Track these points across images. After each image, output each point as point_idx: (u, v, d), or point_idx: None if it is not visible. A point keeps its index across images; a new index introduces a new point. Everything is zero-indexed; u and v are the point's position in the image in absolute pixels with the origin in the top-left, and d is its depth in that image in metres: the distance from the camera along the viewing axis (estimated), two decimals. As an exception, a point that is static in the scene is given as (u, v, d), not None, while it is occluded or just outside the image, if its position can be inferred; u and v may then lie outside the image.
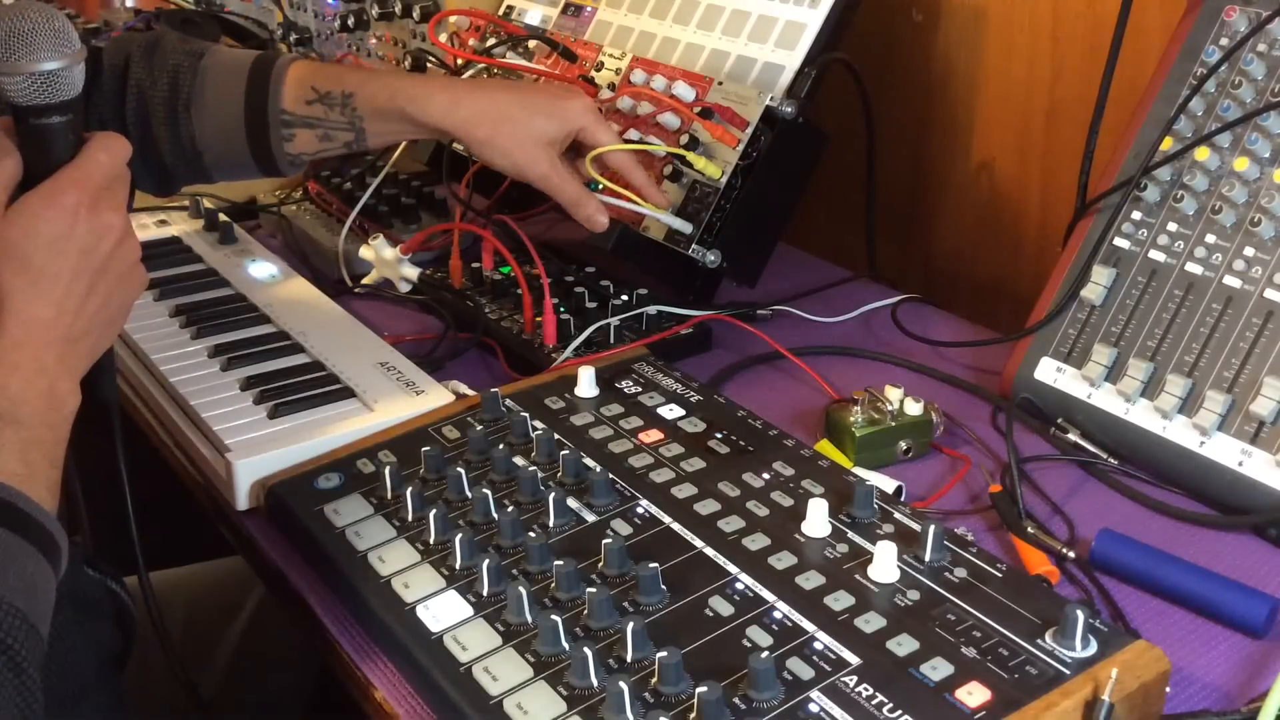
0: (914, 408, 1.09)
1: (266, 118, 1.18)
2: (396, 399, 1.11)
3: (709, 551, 0.87)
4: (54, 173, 0.81)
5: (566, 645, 0.79)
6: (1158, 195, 1.11)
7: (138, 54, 1.19)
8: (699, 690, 0.71)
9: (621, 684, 0.72)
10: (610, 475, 0.95)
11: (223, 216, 1.56)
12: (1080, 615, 0.74)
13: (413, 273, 1.37)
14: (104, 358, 0.87)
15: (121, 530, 0.97)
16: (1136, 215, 1.12)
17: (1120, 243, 1.13)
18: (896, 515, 0.90)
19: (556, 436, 1.02)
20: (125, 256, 0.85)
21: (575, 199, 1.22)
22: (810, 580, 0.83)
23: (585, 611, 0.81)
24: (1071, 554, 0.94)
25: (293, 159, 1.21)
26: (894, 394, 1.09)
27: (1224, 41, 1.10)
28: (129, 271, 0.86)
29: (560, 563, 0.84)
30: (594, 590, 0.81)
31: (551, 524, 0.91)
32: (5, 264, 0.79)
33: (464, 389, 1.15)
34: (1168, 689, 0.75)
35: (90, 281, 0.82)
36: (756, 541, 0.88)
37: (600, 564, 0.86)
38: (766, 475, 0.95)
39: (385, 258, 1.38)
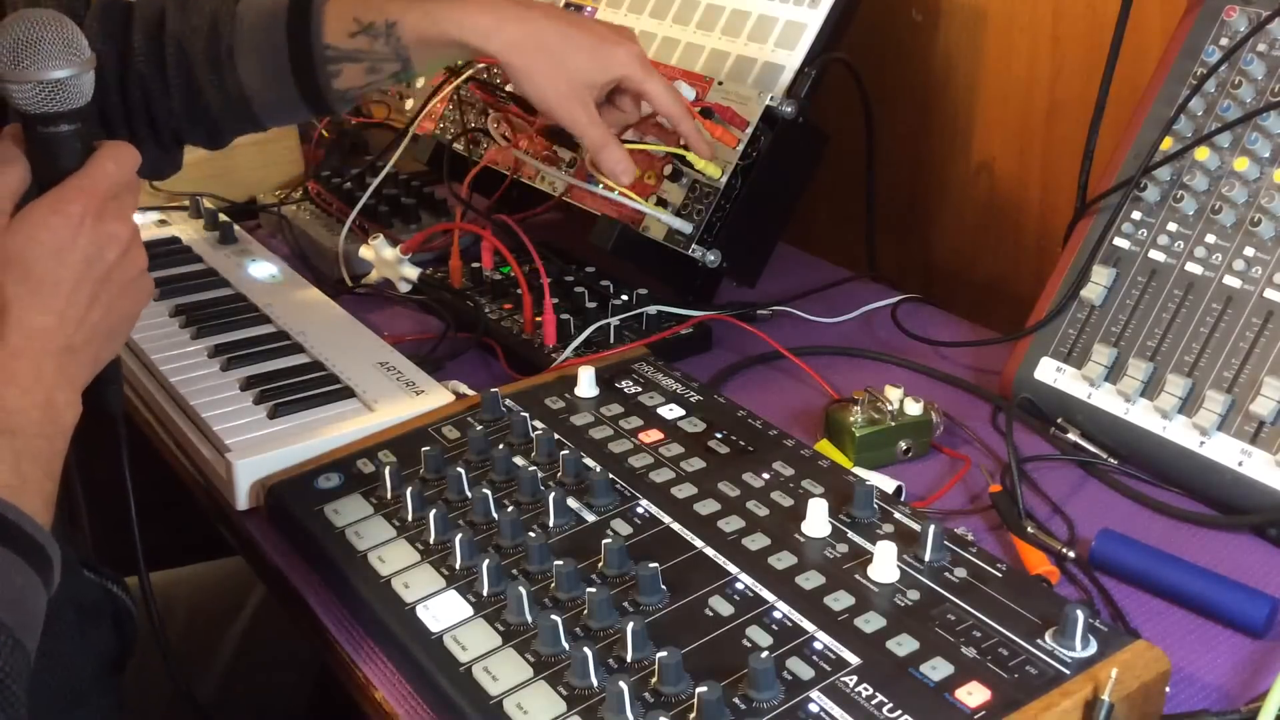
0: (914, 408, 1.09)
1: (312, 55, 1.13)
2: (396, 399, 1.11)
3: (709, 551, 0.87)
4: (61, 181, 0.81)
5: (566, 645, 0.79)
6: (1158, 195, 1.11)
7: (172, 5, 1.15)
8: (699, 690, 0.71)
9: (621, 684, 0.72)
10: (610, 475, 0.96)
11: (223, 216, 1.56)
12: (1080, 615, 0.74)
13: (413, 273, 1.37)
14: (109, 369, 0.86)
15: (122, 531, 0.97)
16: (1136, 215, 1.12)
17: (1120, 243, 1.13)
18: (896, 515, 0.90)
19: (556, 436, 1.02)
20: (130, 266, 0.84)
21: (599, 144, 1.18)
22: (810, 580, 0.83)
23: (585, 611, 0.81)
24: (1071, 554, 0.94)
25: (341, 94, 1.16)
26: (894, 394, 1.09)
27: (1224, 41, 1.10)
28: (134, 282, 0.85)
29: (560, 563, 0.84)
30: (594, 590, 0.81)
31: (551, 524, 0.91)
32: (7, 272, 0.78)
33: (464, 389, 1.15)
34: (1168, 689, 0.75)
35: (93, 291, 0.81)
36: (756, 541, 0.88)
37: (600, 564, 0.86)
38: (766, 475, 0.95)
39: (385, 258, 1.38)
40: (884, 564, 0.83)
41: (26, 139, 0.82)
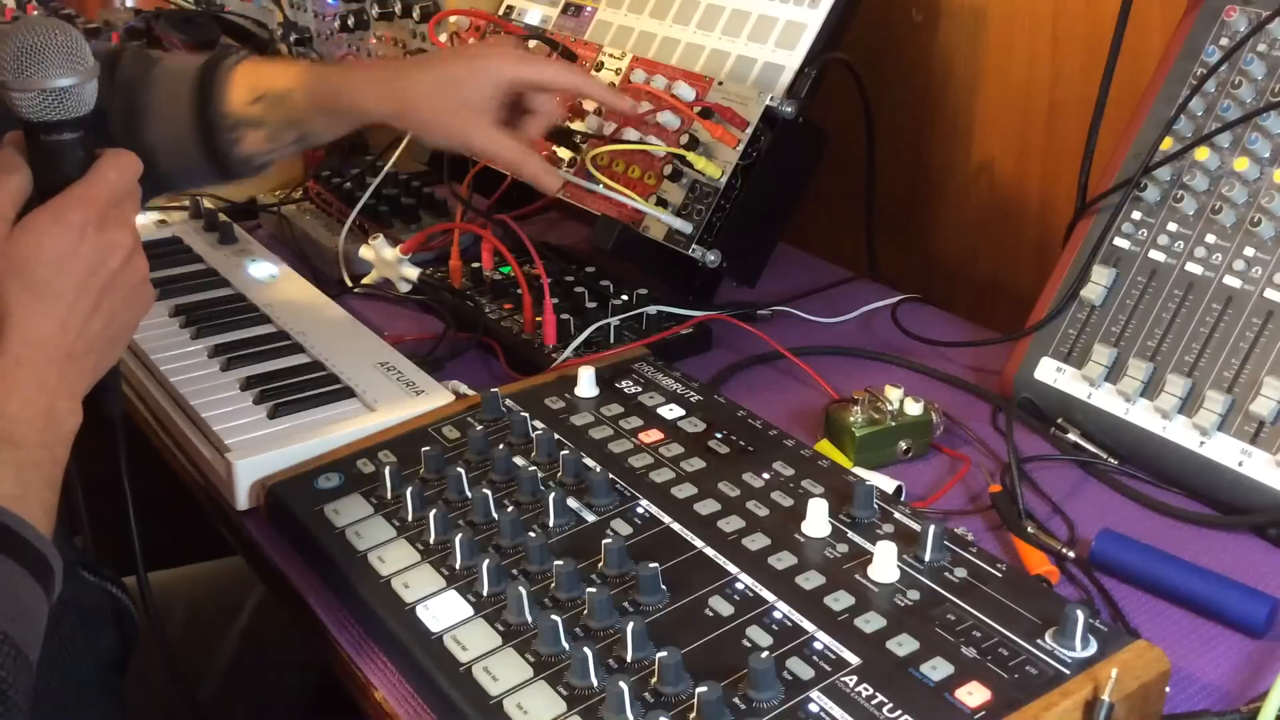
0: (914, 408, 1.09)
1: (214, 121, 1.16)
2: (396, 399, 1.11)
3: (709, 551, 0.87)
4: (63, 189, 0.81)
5: (566, 645, 0.79)
6: (1158, 195, 1.11)
7: (107, 63, 1.17)
8: (699, 690, 0.71)
9: (621, 684, 0.72)
10: (610, 475, 0.95)
11: (223, 216, 1.56)
12: (1080, 615, 0.74)
13: (413, 273, 1.37)
14: (109, 375, 0.86)
15: (122, 532, 0.97)
16: (1136, 215, 1.12)
17: (1120, 243, 1.13)
18: (896, 515, 0.90)
19: (556, 436, 1.02)
20: (132, 274, 0.84)
21: (516, 161, 1.18)
22: (810, 580, 0.83)
23: (585, 611, 0.81)
24: (1071, 554, 0.94)
25: (245, 160, 1.19)
26: (894, 394, 1.09)
27: (1224, 41, 1.10)
28: (135, 289, 0.85)
29: (560, 563, 0.84)
30: (594, 590, 0.81)
31: (551, 524, 0.91)
32: (10, 280, 0.78)
33: (464, 389, 1.15)
34: (1168, 689, 0.75)
35: (95, 299, 0.81)
36: (756, 541, 0.88)
37: (600, 564, 0.86)
38: (766, 475, 0.95)
39: (385, 258, 1.38)
40: (884, 564, 0.83)
41: (28, 147, 0.82)
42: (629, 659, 0.77)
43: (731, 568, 0.85)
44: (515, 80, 1.18)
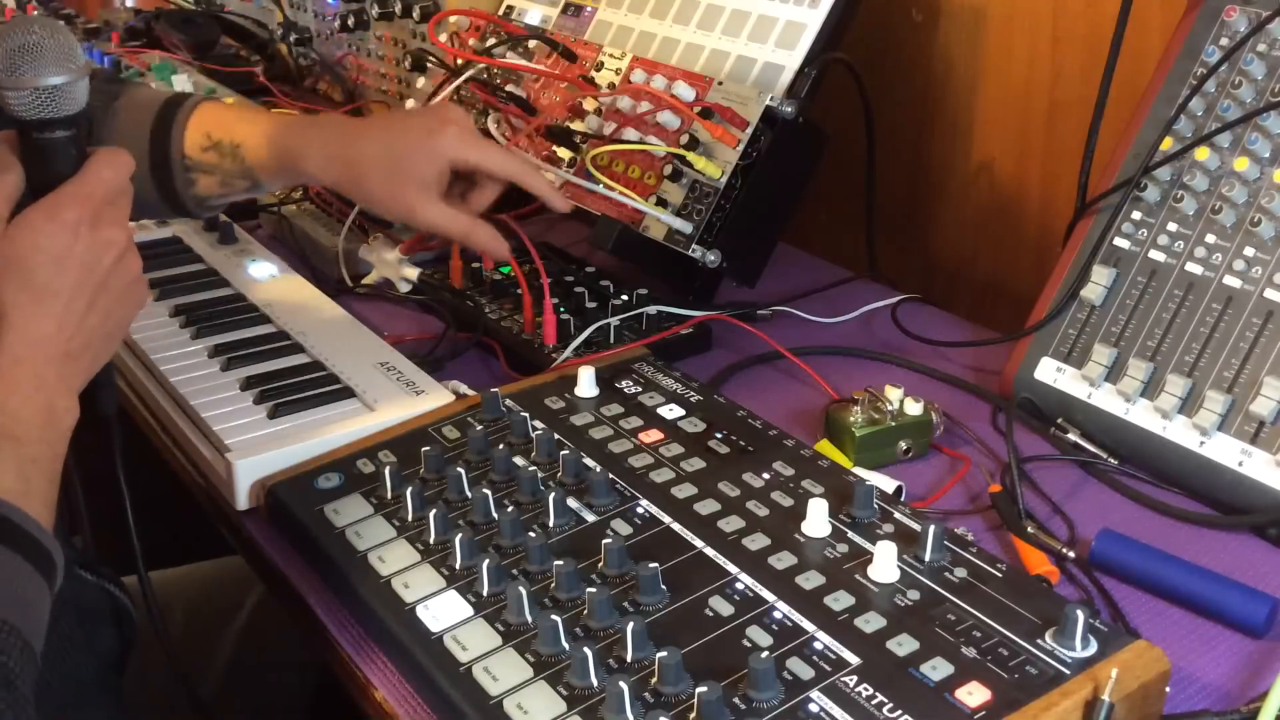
0: (914, 408, 1.09)
1: (169, 162, 1.18)
2: (396, 399, 1.11)
3: (709, 551, 0.87)
4: (57, 188, 0.81)
5: (566, 645, 0.79)
6: (1158, 195, 1.11)
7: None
8: (699, 690, 0.71)
9: (621, 684, 0.72)
10: (610, 475, 0.95)
11: (223, 216, 1.55)
12: (1080, 615, 0.74)
13: (413, 273, 1.37)
14: (103, 372, 0.87)
15: (122, 532, 0.97)
16: (1136, 215, 1.12)
17: (1120, 243, 1.13)
18: (896, 515, 0.90)
19: (556, 436, 1.02)
20: (126, 272, 0.85)
21: (463, 232, 1.19)
22: (810, 580, 0.83)
23: (585, 611, 0.81)
24: (1071, 554, 0.94)
25: (200, 200, 1.21)
26: (894, 394, 1.09)
27: (1224, 41, 1.10)
28: (130, 287, 0.86)
29: (560, 563, 0.84)
30: (594, 590, 0.81)
31: (551, 524, 0.91)
32: (6, 279, 0.79)
33: (464, 389, 1.15)
34: (1167, 689, 0.75)
35: (91, 297, 0.82)
36: (756, 541, 0.88)
37: (600, 564, 0.86)
38: (766, 475, 0.95)
39: (385, 258, 1.38)
40: (884, 564, 0.83)
41: (21, 145, 0.82)
42: (629, 659, 0.77)
43: (731, 568, 0.85)
44: (459, 162, 1.19)
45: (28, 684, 0.70)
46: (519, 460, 1.00)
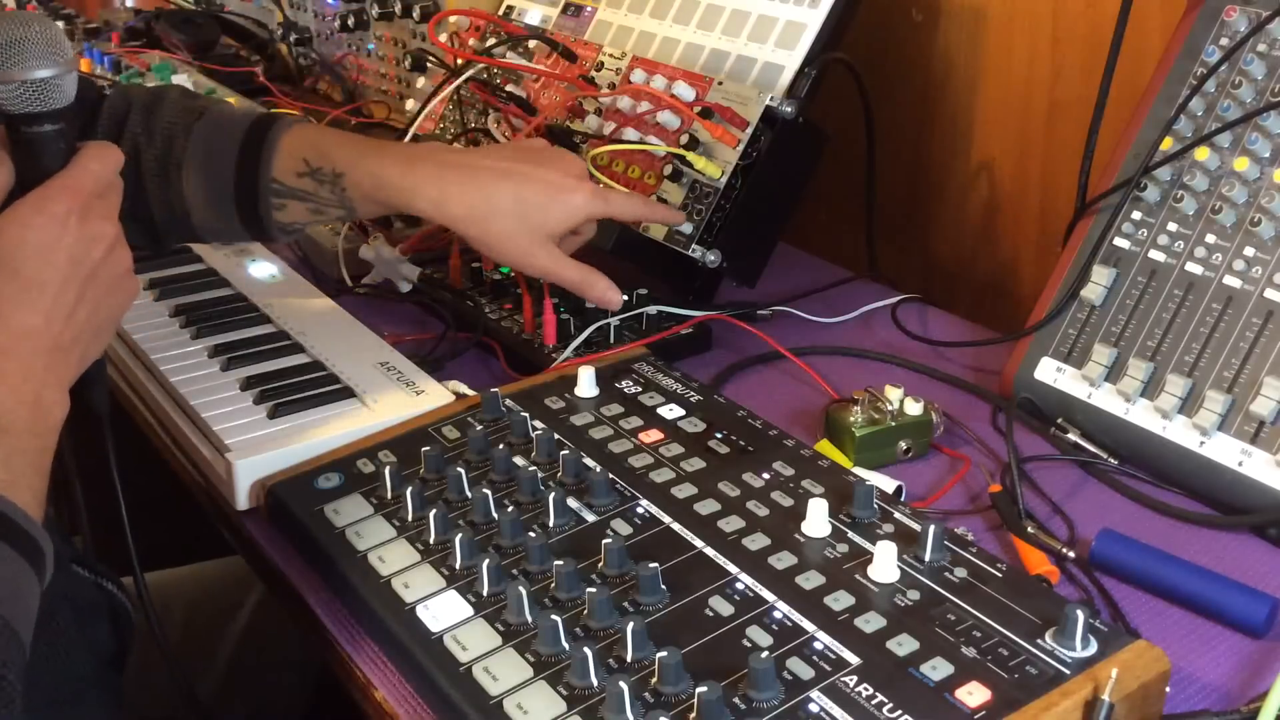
0: (914, 408, 1.09)
1: (258, 188, 1.12)
2: (396, 399, 1.11)
3: (709, 551, 0.87)
4: (45, 181, 0.81)
5: (566, 645, 0.79)
6: (1158, 195, 1.11)
7: (138, 107, 1.14)
8: (699, 690, 0.71)
9: (621, 684, 0.72)
10: (610, 475, 0.95)
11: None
12: (1080, 615, 0.74)
13: (413, 273, 1.37)
14: (94, 369, 0.87)
15: (120, 530, 0.97)
16: (1136, 215, 1.12)
17: (1120, 243, 1.13)
18: (896, 515, 0.90)
19: (556, 436, 1.02)
20: (115, 265, 0.85)
21: (581, 283, 1.16)
22: (810, 580, 0.83)
23: (585, 611, 0.81)
24: (1071, 554, 0.94)
25: (284, 226, 1.15)
26: (894, 394, 1.09)
27: (1224, 41, 1.10)
28: (119, 280, 0.86)
29: (560, 563, 0.84)
30: (594, 590, 0.81)
31: (551, 524, 0.91)
32: None
33: (464, 389, 1.15)
34: (1168, 689, 0.75)
35: (79, 290, 0.82)
36: (756, 541, 0.88)
37: (600, 564, 0.86)
38: (766, 475, 0.95)
39: (385, 258, 1.38)
40: (884, 564, 0.83)
41: (10, 139, 0.83)
42: (629, 659, 0.77)
43: (731, 568, 0.85)
44: (594, 215, 1.16)
45: (16, 674, 0.70)
46: (519, 460, 1.00)
